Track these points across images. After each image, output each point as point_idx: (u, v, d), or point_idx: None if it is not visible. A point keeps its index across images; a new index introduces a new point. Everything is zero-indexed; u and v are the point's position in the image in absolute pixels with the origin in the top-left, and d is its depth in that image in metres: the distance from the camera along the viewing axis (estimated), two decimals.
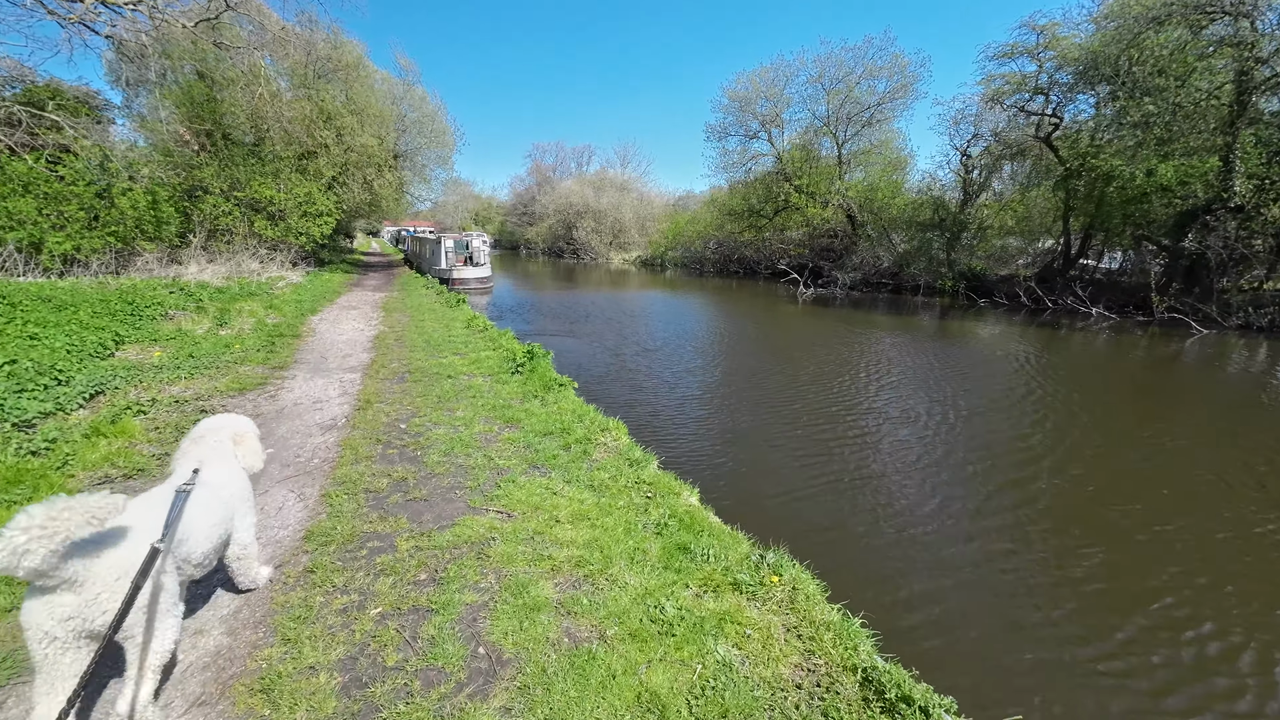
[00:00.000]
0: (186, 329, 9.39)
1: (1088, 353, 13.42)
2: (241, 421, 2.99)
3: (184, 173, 18.72)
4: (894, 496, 5.55)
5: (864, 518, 5.11)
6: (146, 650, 1.94)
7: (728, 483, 5.65)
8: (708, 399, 8.85)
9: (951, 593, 4.00)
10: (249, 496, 2.76)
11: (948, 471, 6.15)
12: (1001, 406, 8.64)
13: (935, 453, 6.69)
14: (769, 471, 6.05)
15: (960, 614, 3.76)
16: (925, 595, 3.96)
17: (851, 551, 4.55)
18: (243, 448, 2.85)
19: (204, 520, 2.34)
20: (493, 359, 8.46)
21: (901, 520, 5.08)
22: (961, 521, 5.05)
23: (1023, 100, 24.10)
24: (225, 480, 2.61)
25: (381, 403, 6.12)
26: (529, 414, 5.75)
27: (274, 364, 7.85)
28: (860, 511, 5.22)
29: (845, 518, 5.09)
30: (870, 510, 5.25)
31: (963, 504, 5.40)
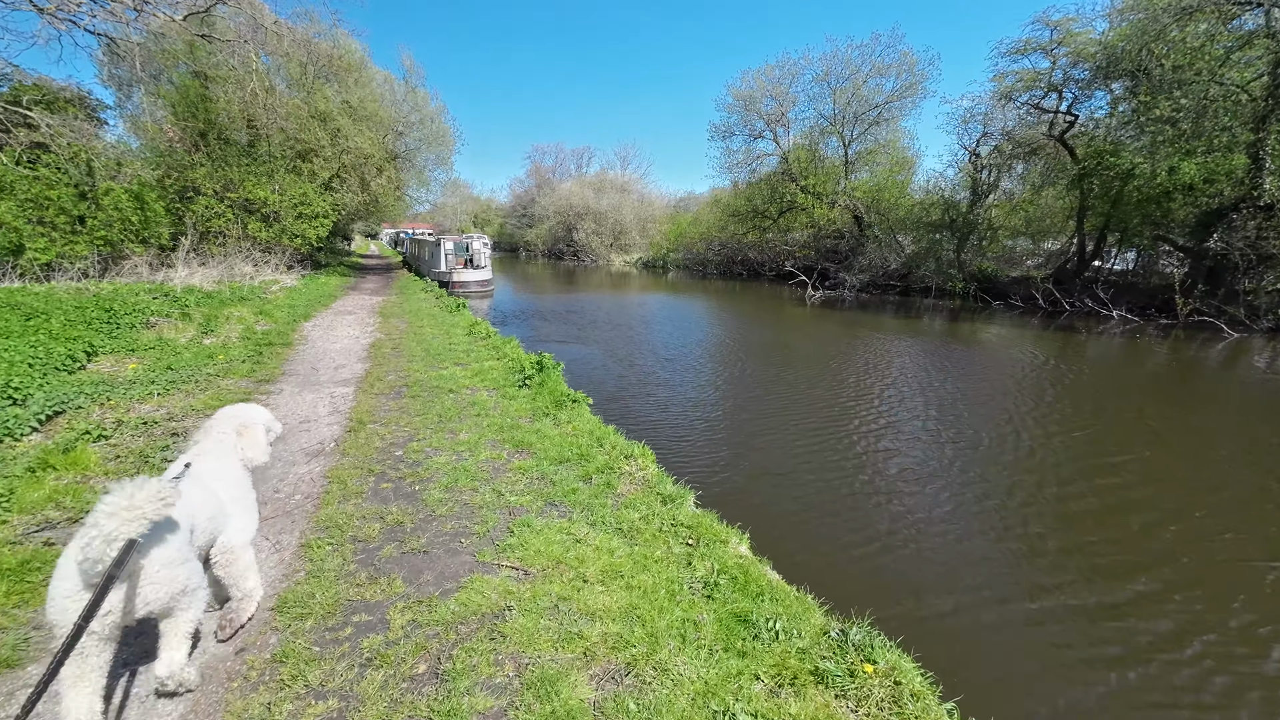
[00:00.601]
0: (168, 338, 8.75)
1: (1125, 359, 12.75)
2: (250, 411, 2.85)
3: (175, 173, 18.12)
4: (997, 556, 4.56)
5: (958, 579, 4.19)
6: (181, 620, 2.01)
7: (777, 526, 4.88)
8: (741, 419, 7.88)
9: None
10: (246, 494, 2.59)
11: (1060, 528, 5.01)
12: (1076, 425, 7.93)
13: (1026, 487, 5.76)
14: (827, 513, 5.18)
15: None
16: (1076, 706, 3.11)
17: (950, 625, 3.70)
18: (245, 439, 2.71)
19: (202, 509, 2.24)
20: (497, 370, 7.83)
21: (1007, 585, 4.14)
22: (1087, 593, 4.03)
23: (1036, 97, 23.50)
24: (217, 473, 2.46)
25: (376, 423, 5.48)
26: (541, 436, 5.12)
27: (260, 376, 7.22)
28: (952, 569, 4.30)
29: (932, 578, 4.19)
30: (965, 570, 4.31)
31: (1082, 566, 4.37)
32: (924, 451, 6.77)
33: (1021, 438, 7.15)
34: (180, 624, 2.02)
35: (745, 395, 9.06)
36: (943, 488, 5.76)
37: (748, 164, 34.51)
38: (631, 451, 4.65)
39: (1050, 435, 7.29)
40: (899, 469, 6.19)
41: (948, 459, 6.50)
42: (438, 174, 33.28)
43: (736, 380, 10.08)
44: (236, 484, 2.55)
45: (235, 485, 2.54)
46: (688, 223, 47.60)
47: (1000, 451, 6.76)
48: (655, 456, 4.68)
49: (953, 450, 6.74)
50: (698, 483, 4.95)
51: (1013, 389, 9.62)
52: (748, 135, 33.56)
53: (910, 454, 6.66)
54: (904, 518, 5.09)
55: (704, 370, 10.79)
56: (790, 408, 8.35)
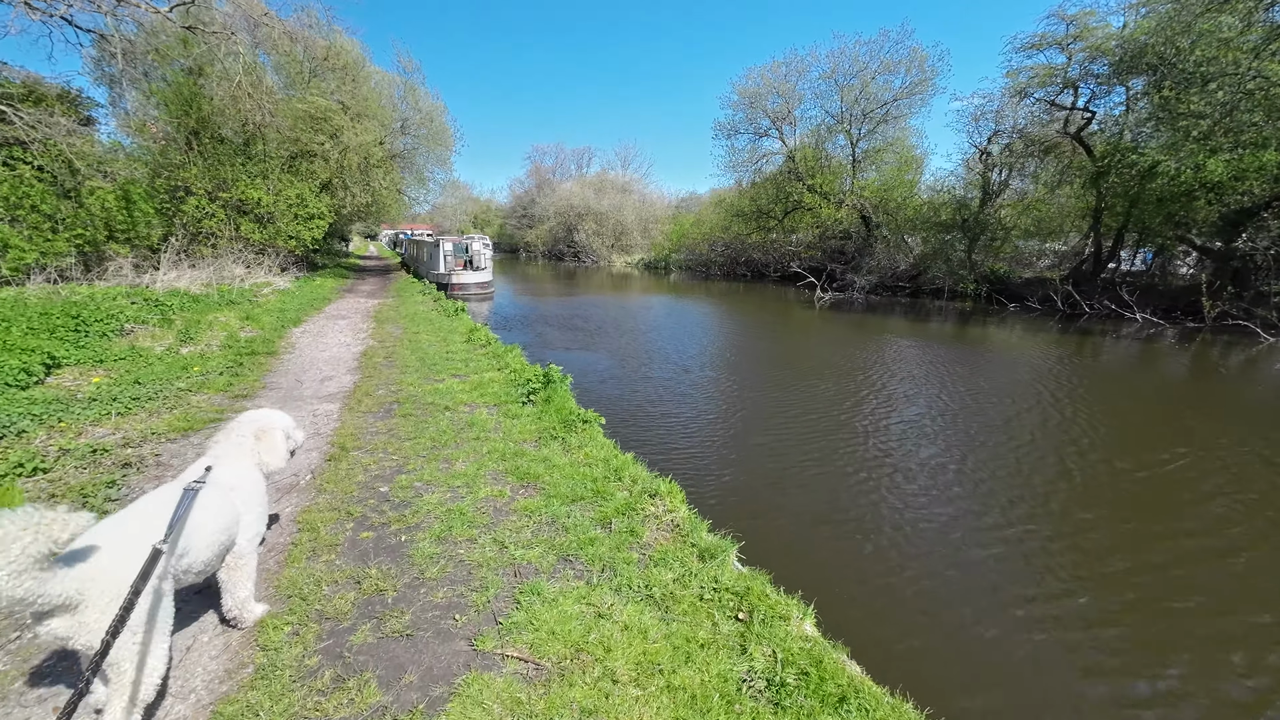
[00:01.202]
0: (143, 347, 8.08)
1: (1168, 365, 12.01)
2: (271, 416, 2.82)
3: (166, 172, 17.49)
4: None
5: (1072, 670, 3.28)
6: (137, 681, 1.73)
7: (844, 590, 4.03)
8: (773, 442, 6.85)
9: None
10: (260, 500, 2.58)
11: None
12: (1130, 444, 7.30)
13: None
14: (904, 579, 4.17)
15: None
16: None
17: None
18: (264, 444, 2.68)
19: (210, 523, 2.19)
20: (498, 383, 7.16)
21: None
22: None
23: (1052, 93, 22.83)
24: (237, 481, 2.46)
25: (361, 449, 4.81)
26: (550, 467, 4.45)
27: (237, 391, 6.54)
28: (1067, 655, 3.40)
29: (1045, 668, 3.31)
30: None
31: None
32: (1004, 489, 5.79)
33: (1119, 475, 6.39)
34: (137, 688, 1.75)
35: (775, 413, 8.02)
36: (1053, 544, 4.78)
37: (753, 163, 33.87)
38: (656, 488, 3.97)
39: (1145, 466, 6.61)
40: (973, 508, 5.46)
41: (1036, 493, 5.79)
42: (437, 174, 32.65)
43: (761, 394, 9.10)
44: (252, 488, 2.54)
45: (250, 490, 2.52)
46: (690, 223, 46.95)
47: (1095, 486, 6.07)
48: (683, 493, 3.99)
49: (1041, 488, 5.92)
50: (730, 521, 4.28)
51: (1075, 404, 8.87)
52: (753, 133, 32.92)
53: (988, 498, 5.68)
54: (1002, 589, 4.33)
55: (723, 382, 9.85)
56: (830, 430, 7.29)
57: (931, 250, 27.43)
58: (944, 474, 6.05)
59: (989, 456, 6.54)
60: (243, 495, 2.46)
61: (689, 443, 6.82)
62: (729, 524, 4.07)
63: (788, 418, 7.83)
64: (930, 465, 6.27)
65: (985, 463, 6.36)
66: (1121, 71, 19.51)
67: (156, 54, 16.67)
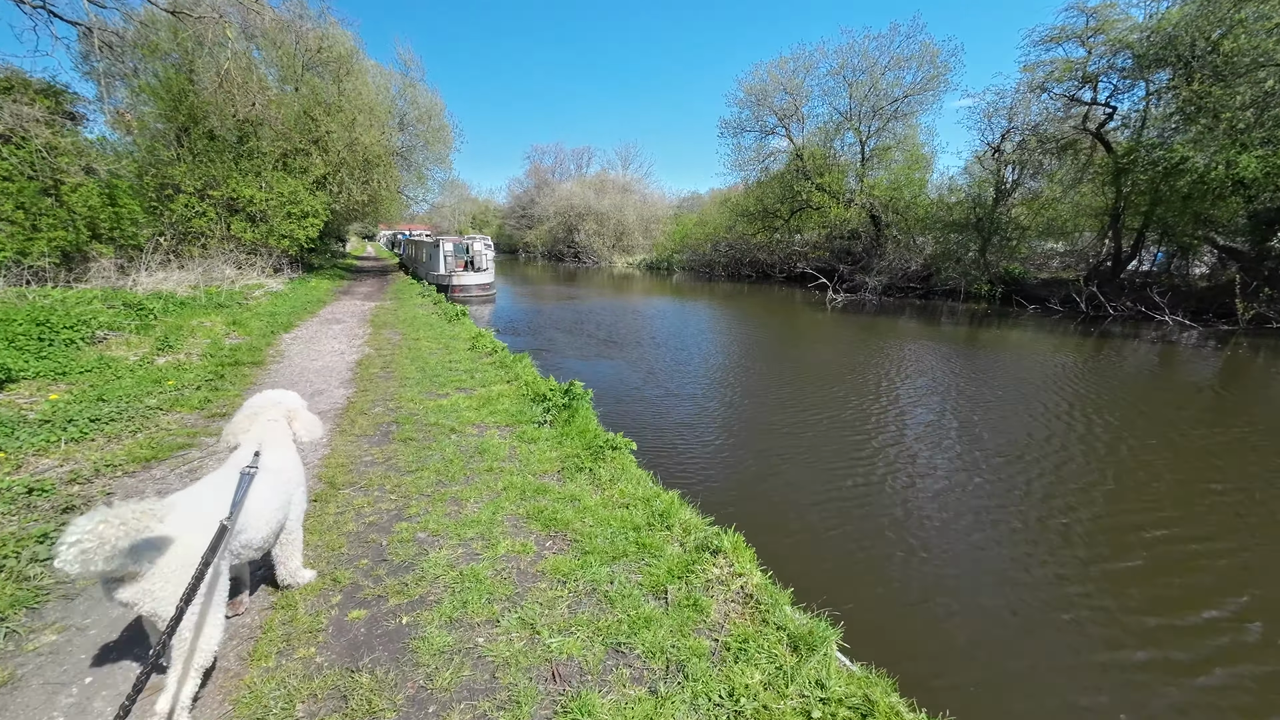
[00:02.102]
0: (114, 357, 7.31)
1: (1242, 374, 11.28)
2: (291, 397, 2.88)
3: (153, 169, 16.76)
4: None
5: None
6: (193, 648, 1.90)
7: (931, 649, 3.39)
8: (838, 477, 5.82)
9: None
10: (303, 480, 2.76)
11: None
12: (1208, 466, 6.59)
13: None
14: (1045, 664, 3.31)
15: None
16: None
17: None
18: (298, 424, 2.79)
19: (267, 504, 2.35)
20: (509, 397, 6.40)
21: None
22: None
23: (1072, 89, 22.14)
24: (283, 464, 2.58)
25: (353, 485, 4.05)
26: (580, 509, 3.70)
27: (213, 409, 5.78)
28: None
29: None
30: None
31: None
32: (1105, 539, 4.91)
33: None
34: (194, 655, 1.91)
35: (829, 438, 6.98)
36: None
37: (759, 161, 33.13)
38: (717, 542, 3.21)
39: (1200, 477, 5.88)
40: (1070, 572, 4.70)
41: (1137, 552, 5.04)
42: (436, 173, 31.85)
43: (803, 414, 7.92)
44: (294, 470, 2.67)
45: (294, 472, 2.66)
46: (693, 223, 46.20)
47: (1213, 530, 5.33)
48: (751, 550, 3.23)
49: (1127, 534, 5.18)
50: (822, 595, 3.53)
51: (1148, 424, 8.12)
52: (759, 131, 32.18)
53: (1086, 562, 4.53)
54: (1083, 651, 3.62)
55: (760, 399, 8.79)
56: (893, 459, 6.33)
57: (943, 250, 26.73)
58: (1051, 521, 5.31)
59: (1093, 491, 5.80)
60: (288, 476, 2.58)
61: (739, 473, 6.01)
62: (805, 583, 3.32)
63: (840, 440, 7.08)
64: (1027, 508, 5.53)
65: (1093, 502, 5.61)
66: (1147, 65, 18.81)
67: (145, 48, 15.97)
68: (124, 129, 15.96)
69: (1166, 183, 18.44)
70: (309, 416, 2.87)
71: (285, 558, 2.70)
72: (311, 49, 21.31)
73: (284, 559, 2.70)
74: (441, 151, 30.25)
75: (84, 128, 16.42)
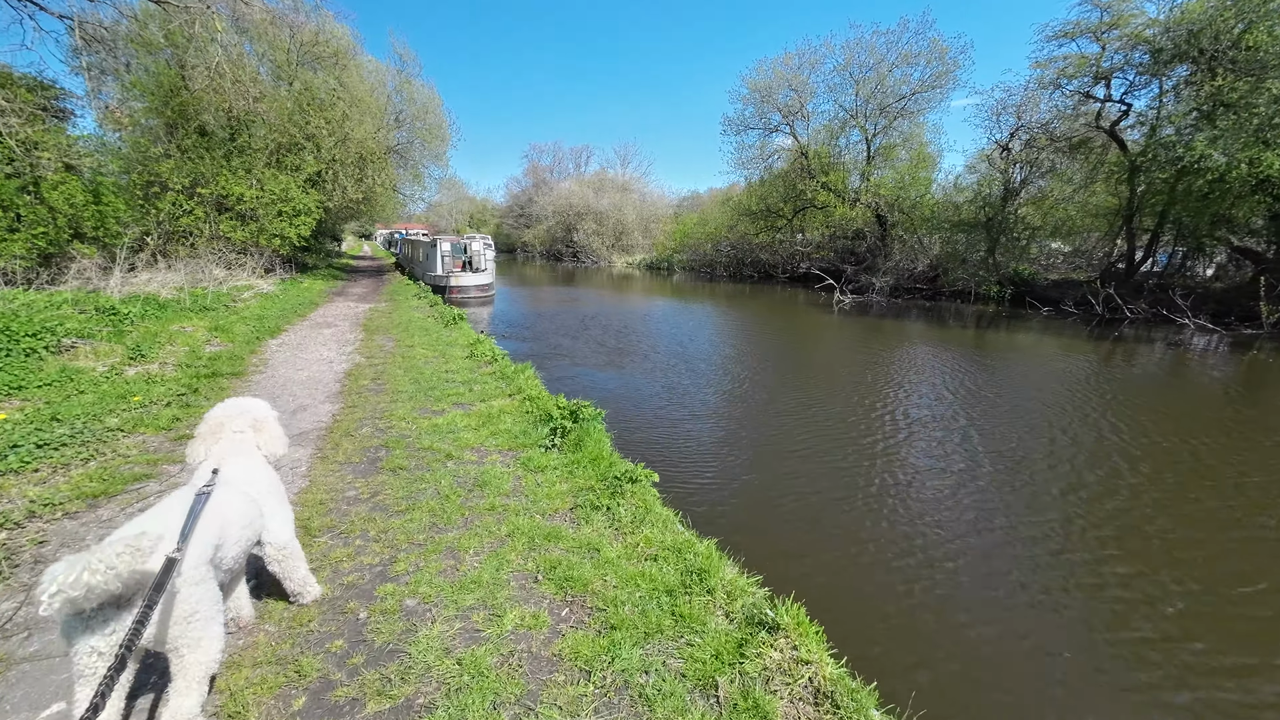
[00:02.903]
0: (79, 368, 6.69)
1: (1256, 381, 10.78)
2: (259, 406, 2.72)
3: (140, 166, 16.14)
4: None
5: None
6: (190, 661, 1.81)
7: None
8: (899, 516, 5.07)
9: None
10: (279, 489, 2.63)
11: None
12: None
13: None
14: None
15: None
16: None
17: None
18: (264, 435, 2.65)
19: (231, 522, 2.16)
20: (511, 415, 5.81)
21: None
22: None
23: (1085, 85, 21.60)
24: (248, 475, 2.44)
25: (331, 530, 3.46)
26: (599, 562, 3.12)
27: (182, 430, 5.17)
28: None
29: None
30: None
31: None
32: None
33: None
34: (189, 665, 1.81)
35: (876, 471, 6.12)
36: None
37: (763, 159, 32.55)
38: (773, 616, 2.61)
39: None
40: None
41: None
42: (433, 171, 31.18)
43: (839, 438, 7.04)
44: (267, 480, 2.55)
45: (267, 482, 2.54)
46: (694, 223, 45.59)
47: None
48: (816, 625, 2.64)
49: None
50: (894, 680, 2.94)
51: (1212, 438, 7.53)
52: (763, 129, 31.58)
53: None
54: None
55: (786, 419, 7.80)
56: (962, 503, 5.43)
57: (950, 251, 26.21)
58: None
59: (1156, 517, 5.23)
60: (259, 487, 2.45)
61: (775, 512, 5.39)
62: (867, 659, 2.73)
63: (883, 477, 6.49)
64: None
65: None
66: (1166, 60, 18.27)
67: (135, 42, 15.35)
68: (114, 125, 15.33)
69: (1184, 182, 17.93)
70: (276, 430, 2.70)
71: (289, 572, 2.60)
72: (306, 43, 20.67)
73: (288, 573, 2.60)
74: (438, 148, 29.60)
75: (70, 124, 15.84)
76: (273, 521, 2.48)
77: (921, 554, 4.49)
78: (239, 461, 2.46)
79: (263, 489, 2.49)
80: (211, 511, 2.07)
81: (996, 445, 6.92)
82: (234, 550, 2.18)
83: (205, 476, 2.28)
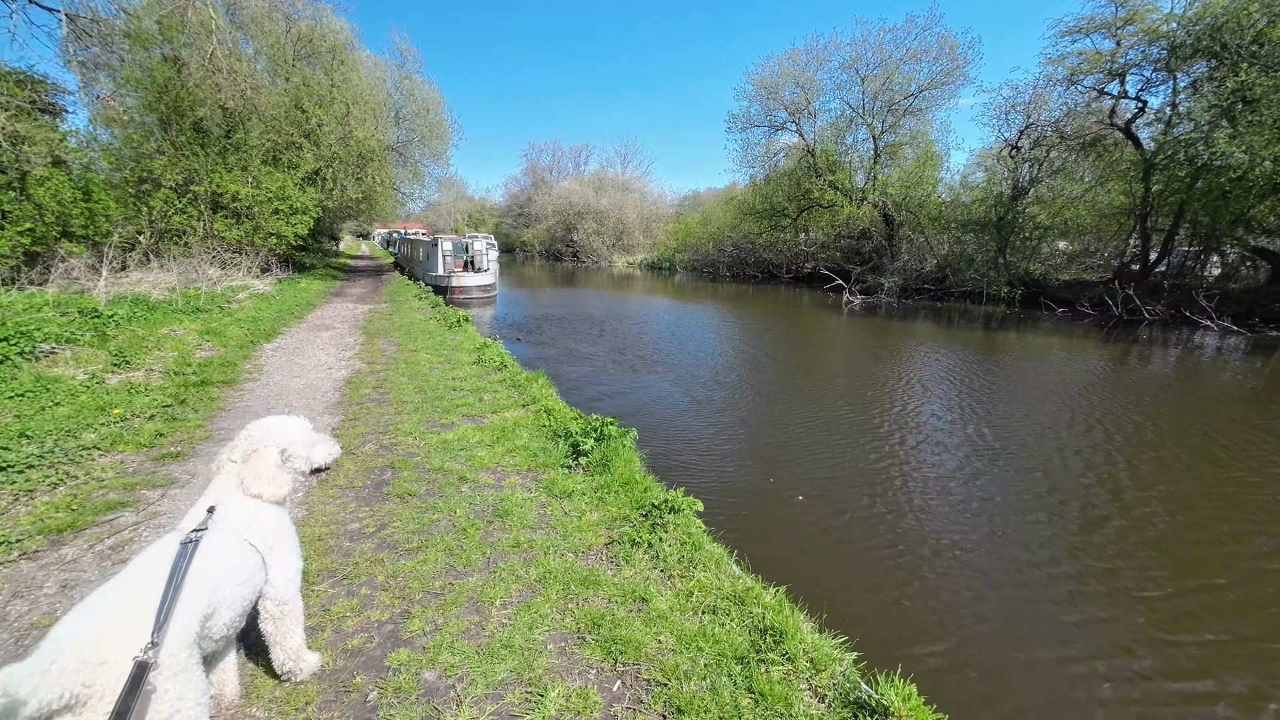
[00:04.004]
0: (57, 376, 6.19)
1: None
2: (269, 429, 2.19)
3: (131, 163, 15.66)
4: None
5: None
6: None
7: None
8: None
9: None
10: (290, 534, 2.15)
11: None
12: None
13: None
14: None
15: None
16: None
17: None
18: (249, 467, 2.09)
19: (226, 581, 1.76)
20: (526, 428, 5.32)
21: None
22: None
23: (1100, 82, 21.18)
24: (251, 516, 2.01)
25: (332, 576, 2.97)
26: (649, 617, 2.64)
27: (166, 448, 4.68)
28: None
29: None
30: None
31: None
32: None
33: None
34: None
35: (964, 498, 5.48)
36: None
37: (768, 158, 32.09)
38: (878, 697, 2.13)
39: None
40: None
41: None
42: (433, 169, 30.62)
43: (910, 457, 6.44)
44: (272, 522, 2.07)
45: (271, 524, 2.06)
46: (696, 222, 45.11)
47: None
48: (929, 706, 2.16)
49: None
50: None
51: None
52: (768, 126, 31.10)
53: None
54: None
55: (842, 433, 7.13)
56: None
57: (963, 251, 25.76)
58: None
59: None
60: (261, 533, 2.01)
61: (849, 551, 4.86)
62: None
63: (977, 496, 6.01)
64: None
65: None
66: (1186, 56, 17.85)
67: (129, 36, 14.85)
68: (107, 121, 14.85)
69: (1204, 180, 17.51)
70: (266, 465, 2.12)
71: (280, 636, 2.11)
72: (304, 37, 20.16)
73: (279, 638, 2.11)
74: (439, 147, 29.05)
75: (63, 121, 15.30)
76: (276, 573, 2.05)
77: (1053, 622, 4.00)
78: (236, 500, 2.05)
79: (268, 533, 2.05)
80: (201, 570, 1.68)
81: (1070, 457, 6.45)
82: (228, 615, 1.80)
83: (198, 517, 1.92)
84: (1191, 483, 5.83)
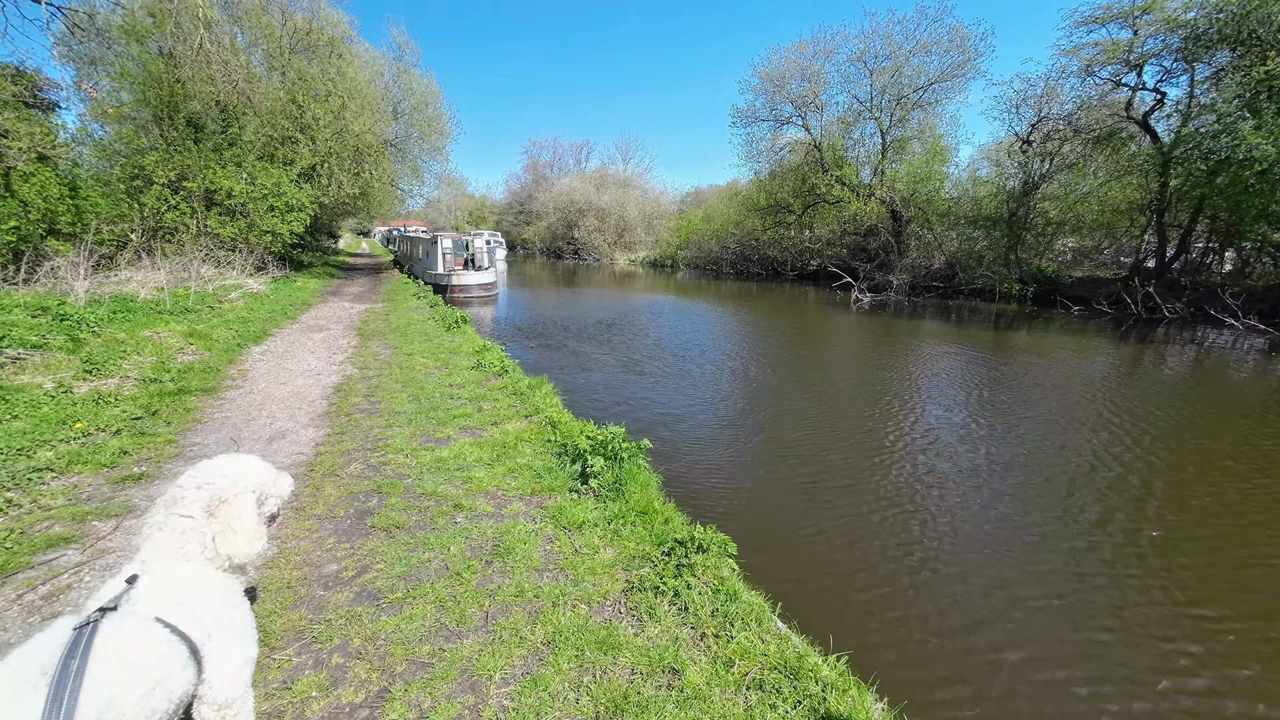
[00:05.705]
0: (22, 385, 5.71)
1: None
2: (229, 471, 1.74)
3: (123, 159, 15.21)
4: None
5: None
6: None
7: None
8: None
9: None
10: (240, 612, 1.64)
11: None
12: None
13: None
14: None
15: None
16: None
17: None
18: (219, 520, 1.65)
19: (128, 688, 1.28)
20: (530, 443, 4.84)
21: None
22: None
23: (1117, 73, 20.60)
24: (183, 592, 1.51)
25: (299, 640, 2.48)
26: (682, 693, 2.16)
27: (128, 469, 4.20)
28: None
29: None
30: None
31: None
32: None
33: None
34: None
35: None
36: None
37: (774, 153, 31.50)
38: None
39: None
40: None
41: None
42: (432, 165, 30.15)
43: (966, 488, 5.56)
44: (215, 600, 1.57)
45: (214, 600, 1.57)
46: (699, 219, 44.54)
47: None
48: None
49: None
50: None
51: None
52: (774, 121, 30.50)
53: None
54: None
55: (877, 450, 6.45)
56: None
57: (974, 248, 25.20)
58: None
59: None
60: (195, 613, 1.49)
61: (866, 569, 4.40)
62: None
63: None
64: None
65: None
66: (1208, 45, 17.27)
67: (122, 30, 14.37)
68: (99, 116, 14.42)
69: (1226, 173, 16.94)
70: (244, 514, 1.68)
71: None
72: (300, 30, 19.64)
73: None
74: (438, 142, 28.57)
75: (55, 116, 14.82)
76: (216, 668, 1.52)
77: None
78: (169, 568, 1.56)
79: (208, 613, 1.54)
80: (95, 673, 1.23)
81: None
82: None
83: (112, 591, 1.48)
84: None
